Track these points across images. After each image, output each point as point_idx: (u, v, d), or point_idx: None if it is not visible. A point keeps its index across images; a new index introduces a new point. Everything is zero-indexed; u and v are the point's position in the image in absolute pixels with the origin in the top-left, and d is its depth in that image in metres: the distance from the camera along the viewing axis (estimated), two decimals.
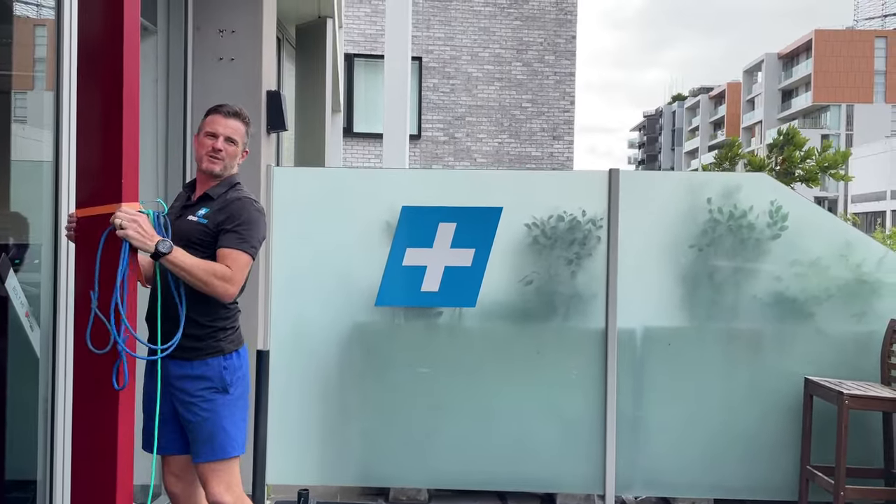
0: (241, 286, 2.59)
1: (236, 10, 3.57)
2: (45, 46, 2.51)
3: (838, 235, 4.06)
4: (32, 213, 2.54)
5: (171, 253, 2.35)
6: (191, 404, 2.56)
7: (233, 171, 2.71)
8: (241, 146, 2.70)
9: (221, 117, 2.67)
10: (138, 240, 2.18)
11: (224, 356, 2.60)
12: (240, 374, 2.66)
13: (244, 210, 2.59)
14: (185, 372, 2.56)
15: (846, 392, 3.63)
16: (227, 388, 2.59)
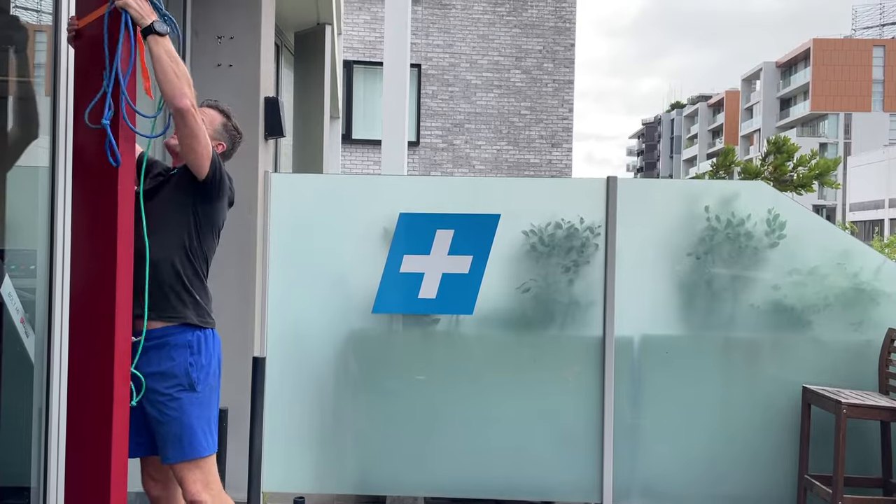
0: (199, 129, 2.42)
1: (235, 17, 3.58)
2: (43, 52, 2.50)
3: (836, 244, 4.06)
4: (28, 219, 2.54)
5: (165, 36, 2.25)
6: (158, 403, 2.48)
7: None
8: (209, 131, 2.60)
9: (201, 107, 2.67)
10: (136, 10, 2.14)
11: (188, 329, 2.50)
12: (208, 369, 2.56)
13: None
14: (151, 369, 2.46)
15: (844, 401, 3.62)
16: (193, 385, 2.51)
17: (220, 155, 2.70)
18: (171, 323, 2.50)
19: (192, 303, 2.54)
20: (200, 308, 2.56)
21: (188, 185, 2.54)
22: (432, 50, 14.72)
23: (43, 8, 2.35)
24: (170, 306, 2.50)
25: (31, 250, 2.55)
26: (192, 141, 2.41)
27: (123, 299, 2.13)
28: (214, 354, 2.60)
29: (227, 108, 2.78)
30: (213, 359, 2.59)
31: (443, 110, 14.78)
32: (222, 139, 2.75)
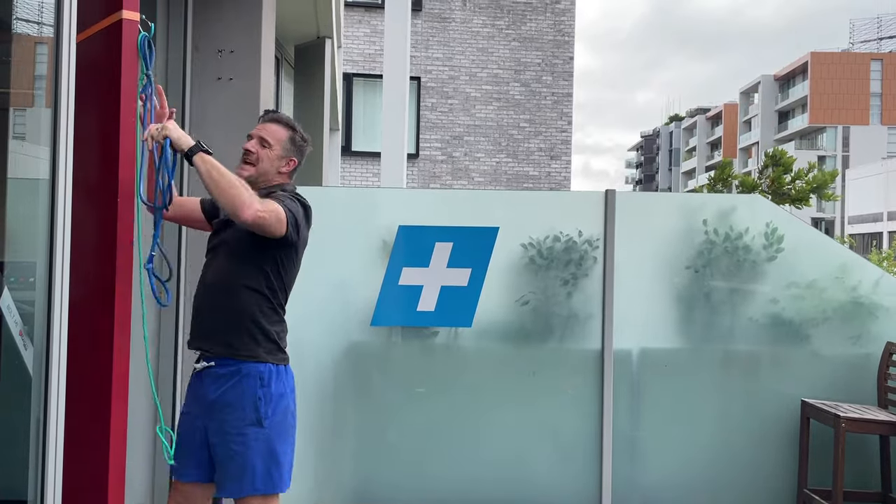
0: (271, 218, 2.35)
1: (235, 31, 3.60)
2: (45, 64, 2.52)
3: (834, 257, 4.07)
4: (28, 231, 2.54)
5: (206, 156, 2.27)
6: (225, 435, 2.41)
7: (270, 178, 2.56)
8: (280, 150, 2.55)
9: (261, 121, 2.60)
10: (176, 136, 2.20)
11: (260, 364, 2.43)
12: (277, 405, 2.44)
13: (288, 194, 2.50)
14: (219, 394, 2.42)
15: (843, 415, 3.62)
16: (260, 420, 2.41)
17: (293, 167, 2.61)
18: (242, 358, 2.44)
19: (265, 339, 2.46)
20: (273, 344, 2.48)
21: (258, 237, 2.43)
22: (432, 63, 14.78)
23: (44, 20, 2.37)
24: (242, 342, 2.44)
25: (30, 262, 2.55)
26: (269, 230, 2.37)
27: (122, 312, 2.14)
28: (286, 390, 2.49)
29: (289, 118, 2.66)
30: (284, 394, 2.48)
31: (442, 123, 14.82)
32: (292, 154, 2.62)
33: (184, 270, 3.56)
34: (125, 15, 2.16)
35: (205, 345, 2.50)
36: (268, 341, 2.46)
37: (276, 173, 2.58)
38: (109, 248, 2.13)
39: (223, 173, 2.31)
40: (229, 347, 2.44)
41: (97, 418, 2.03)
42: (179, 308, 3.53)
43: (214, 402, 2.44)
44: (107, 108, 2.12)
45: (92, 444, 2.05)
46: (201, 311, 2.53)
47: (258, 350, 2.44)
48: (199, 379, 2.52)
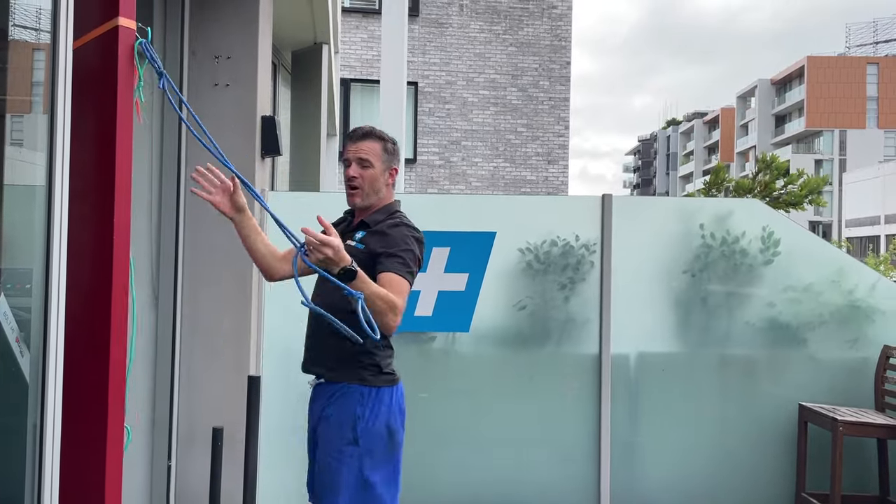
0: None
1: (232, 37, 3.60)
2: (41, 70, 2.52)
3: (831, 261, 4.08)
4: (24, 238, 2.54)
5: (357, 278, 2.19)
6: (324, 448, 2.47)
7: (381, 195, 2.55)
8: (380, 166, 2.52)
9: (351, 142, 2.54)
10: (334, 259, 2.12)
11: (364, 386, 2.44)
12: (374, 425, 2.44)
13: (400, 236, 2.45)
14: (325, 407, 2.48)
15: (840, 419, 3.62)
16: (357, 438, 2.41)
17: (395, 176, 2.61)
18: (346, 381, 2.47)
19: (371, 364, 2.48)
20: (376, 368, 2.49)
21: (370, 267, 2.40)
22: (429, 68, 14.81)
23: (41, 26, 2.37)
24: (347, 368, 2.46)
25: (26, 269, 2.55)
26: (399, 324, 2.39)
27: (119, 319, 2.13)
28: (390, 413, 2.49)
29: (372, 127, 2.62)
30: (385, 416, 2.48)
31: (439, 128, 14.84)
32: (392, 164, 2.59)
33: (182, 271, 3.55)
34: (121, 22, 2.16)
35: (314, 370, 2.56)
36: (373, 365, 2.48)
37: (384, 188, 2.56)
38: (106, 254, 2.13)
39: (377, 294, 2.26)
40: (335, 372, 2.49)
41: (94, 425, 2.03)
42: (176, 310, 3.53)
43: (321, 417, 2.51)
44: (103, 115, 2.12)
45: (89, 451, 2.05)
46: (310, 337, 2.59)
47: (363, 373, 2.47)
48: (313, 394, 2.60)
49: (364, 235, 2.50)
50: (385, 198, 2.58)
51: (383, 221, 2.50)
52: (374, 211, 2.55)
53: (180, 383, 3.56)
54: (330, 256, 2.14)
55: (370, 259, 2.43)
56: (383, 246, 2.43)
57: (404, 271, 2.40)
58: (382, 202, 2.57)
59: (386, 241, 2.44)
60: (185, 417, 3.57)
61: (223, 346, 3.59)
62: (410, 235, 2.48)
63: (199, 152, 3.54)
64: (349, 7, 14.41)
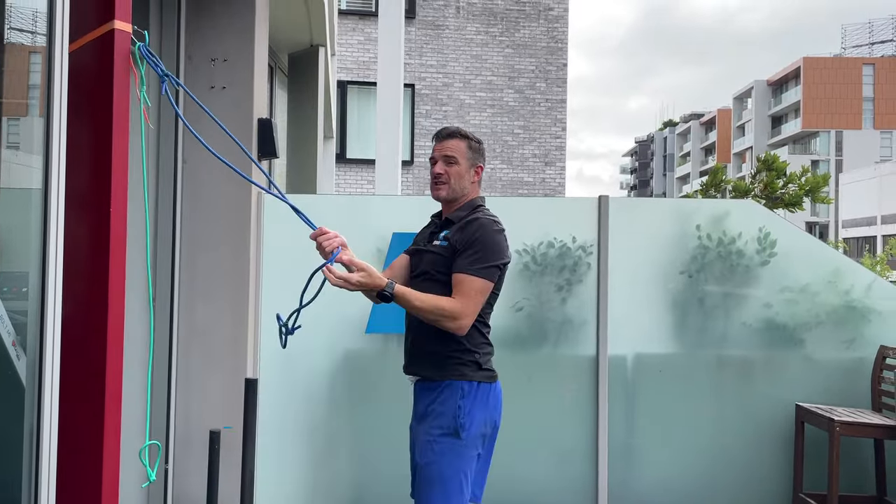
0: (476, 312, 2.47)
1: (228, 40, 3.60)
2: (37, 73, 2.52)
3: (827, 262, 4.08)
4: (20, 241, 2.54)
5: (395, 299, 2.39)
6: (422, 444, 2.51)
7: (466, 191, 2.63)
8: (465, 163, 2.62)
9: (438, 142, 2.65)
10: (371, 285, 2.34)
11: (465, 382, 2.48)
12: (473, 419, 2.47)
13: (480, 230, 2.50)
14: (427, 404, 2.52)
15: (837, 419, 3.63)
16: (458, 430, 2.46)
17: (481, 174, 2.67)
18: (448, 378, 2.51)
19: (469, 360, 2.53)
20: (475, 364, 2.53)
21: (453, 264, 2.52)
22: (426, 70, 14.81)
23: (38, 29, 2.37)
24: (447, 365, 2.51)
25: (22, 272, 2.54)
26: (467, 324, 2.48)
27: (115, 322, 2.13)
28: (488, 407, 2.53)
29: (458, 127, 2.71)
30: (484, 411, 2.51)
31: (436, 129, 14.83)
32: (476, 161, 2.67)
33: (178, 274, 3.55)
34: (117, 25, 2.16)
35: (416, 368, 2.62)
36: (472, 362, 2.52)
37: (469, 185, 2.64)
38: (102, 257, 2.13)
39: (423, 306, 2.42)
40: (436, 370, 2.53)
41: (91, 428, 2.03)
42: (174, 313, 3.53)
43: (423, 414, 2.56)
44: (99, 118, 2.12)
45: (85, 455, 2.05)
46: (409, 335, 2.66)
47: (463, 370, 2.51)
48: (414, 392, 2.66)
49: (448, 233, 2.57)
50: (470, 195, 2.66)
51: (466, 216, 2.57)
52: (457, 208, 2.62)
53: (177, 386, 3.55)
54: (363, 284, 2.37)
55: (453, 254, 2.51)
56: (460, 243, 2.50)
57: (477, 268, 2.46)
58: (467, 199, 2.64)
59: (463, 238, 2.51)
60: (182, 420, 3.56)
61: (220, 349, 3.59)
62: (489, 227, 2.51)
63: (196, 153, 3.54)
64: (346, 9, 14.42)
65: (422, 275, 2.61)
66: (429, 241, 2.65)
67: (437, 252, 2.55)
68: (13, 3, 2.18)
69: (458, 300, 2.44)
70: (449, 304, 2.43)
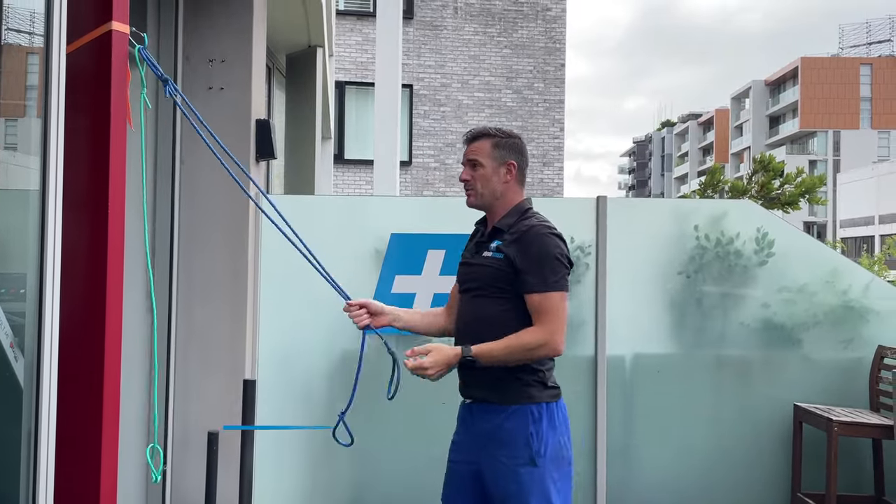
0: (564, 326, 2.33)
1: (226, 40, 3.60)
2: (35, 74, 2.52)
3: (825, 262, 4.09)
4: (18, 242, 2.54)
5: (478, 362, 2.27)
6: (497, 473, 2.33)
7: (500, 193, 2.44)
8: (491, 163, 2.42)
9: (465, 146, 2.49)
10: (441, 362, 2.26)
11: (533, 405, 2.33)
12: (548, 442, 2.33)
13: (538, 241, 2.33)
14: (490, 427, 2.35)
15: (835, 419, 3.63)
16: (533, 458, 2.30)
17: (517, 170, 2.46)
18: (513, 402, 2.35)
19: (536, 380, 2.37)
20: (541, 384, 2.38)
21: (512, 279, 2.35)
22: (424, 70, 14.81)
23: (35, 30, 2.37)
24: (510, 388, 2.35)
25: (20, 274, 2.54)
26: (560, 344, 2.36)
27: (113, 323, 2.13)
28: (559, 426, 2.38)
29: (485, 126, 2.53)
30: (557, 431, 2.37)
31: (435, 130, 14.85)
32: (505, 158, 2.45)
33: (177, 275, 3.55)
34: (115, 26, 2.16)
35: (474, 392, 2.44)
36: (538, 382, 2.37)
37: (501, 185, 2.45)
38: (100, 258, 2.13)
39: (509, 352, 2.29)
40: (499, 394, 2.36)
41: (89, 430, 2.03)
42: (171, 315, 3.53)
43: (486, 435, 2.38)
44: (97, 119, 2.12)
45: (84, 457, 2.05)
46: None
47: (530, 391, 2.36)
48: (468, 409, 2.48)
49: (500, 244, 2.39)
50: (510, 197, 2.47)
51: (516, 224, 2.40)
52: (503, 215, 2.44)
53: (175, 387, 3.55)
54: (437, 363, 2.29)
55: (511, 268, 2.34)
56: (523, 258, 2.33)
57: (551, 282, 2.32)
58: (509, 202, 2.46)
59: (525, 252, 2.33)
60: (180, 422, 3.56)
61: (218, 350, 3.59)
62: (545, 234, 2.35)
63: (193, 154, 3.54)
64: (343, 10, 14.42)
65: (471, 290, 2.45)
66: (476, 252, 2.47)
67: (490, 265, 2.38)
68: (11, 3, 2.18)
69: (541, 324, 2.30)
70: (532, 337, 2.28)
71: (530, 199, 2.53)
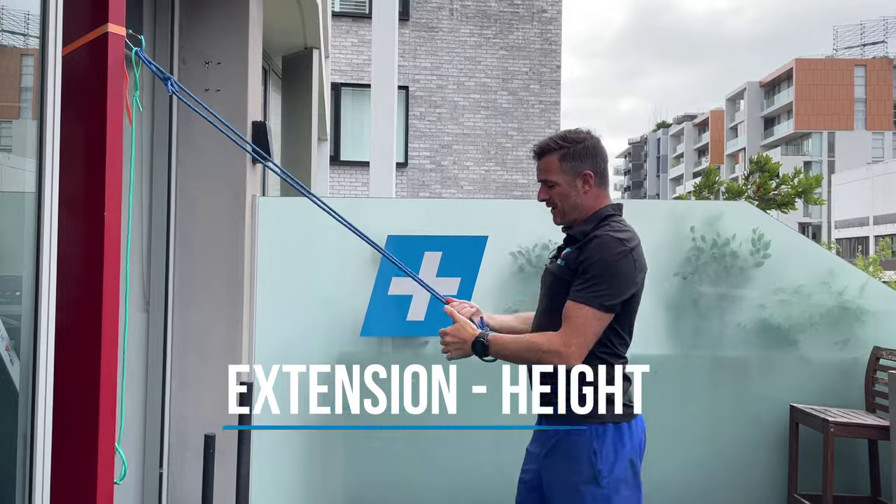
0: (587, 345, 2.18)
1: (222, 42, 3.59)
2: (30, 76, 2.51)
3: (820, 263, 4.10)
4: (13, 245, 2.53)
5: (490, 347, 2.26)
6: (558, 487, 2.24)
7: (582, 205, 2.30)
8: (565, 178, 2.27)
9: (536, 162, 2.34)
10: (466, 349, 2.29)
11: (599, 426, 2.21)
12: (615, 462, 2.21)
13: (599, 252, 2.19)
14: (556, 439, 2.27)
15: (832, 420, 3.64)
16: (596, 477, 2.18)
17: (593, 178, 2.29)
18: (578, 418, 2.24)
19: (604, 398, 2.25)
20: (611, 402, 2.26)
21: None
22: (420, 72, 14.82)
23: (30, 31, 2.36)
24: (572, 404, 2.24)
25: (16, 276, 2.53)
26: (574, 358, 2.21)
27: (110, 325, 2.13)
28: (628, 446, 2.27)
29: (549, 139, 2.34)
30: (625, 451, 2.26)
31: (431, 132, 14.85)
32: (579, 170, 2.28)
33: (173, 277, 3.54)
34: (111, 28, 2.15)
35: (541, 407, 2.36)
36: (608, 402, 2.25)
37: (581, 197, 2.30)
38: (96, 261, 2.12)
39: (520, 348, 2.24)
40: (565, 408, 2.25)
41: (85, 433, 2.02)
42: (168, 316, 3.52)
43: (551, 447, 2.31)
44: (93, 122, 2.11)
45: (80, 460, 2.04)
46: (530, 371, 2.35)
47: (596, 409, 2.24)
48: (538, 420, 2.41)
49: (569, 251, 2.29)
50: (591, 205, 2.32)
51: (591, 232, 2.26)
52: (581, 221, 2.32)
53: (172, 390, 3.54)
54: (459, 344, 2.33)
55: (571, 277, 2.24)
56: (577, 266, 2.22)
57: (590, 296, 2.17)
58: (590, 210, 2.32)
59: (582, 260, 2.22)
60: (176, 424, 3.55)
61: (215, 353, 3.58)
62: (611, 249, 2.20)
63: (190, 154, 3.54)
64: (339, 11, 14.42)
65: (546, 302, 2.35)
66: (555, 257, 2.39)
67: (556, 274, 2.29)
68: (5, 5, 2.17)
69: (562, 332, 2.16)
70: (545, 341, 2.17)
71: (617, 205, 2.38)
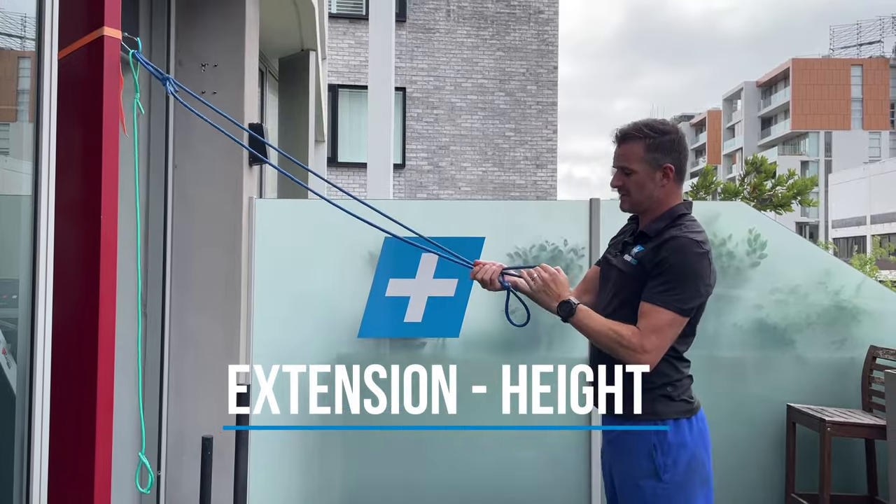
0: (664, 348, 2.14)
1: (219, 45, 3.60)
2: (27, 79, 2.51)
3: (817, 263, 4.10)
4: (10, 248, 2.53)
5: (575, 315, 2.19)
6: (622, 481, 2.21)
7: (656, 199, 2.24)
8: (645, 168, 2.21)
9: (615, 147, 2.28)
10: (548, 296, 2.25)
11: (658, 422, 2.16)
12: (678, 458, 2.14)
13: (677, 254, 2.12)
14: (617, 433, 2.23)
15: (828, 419, 3.65)
16: (657, 472, 2.13)
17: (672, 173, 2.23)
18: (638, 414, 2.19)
19: (662, 394, 2.21)
20: (668, 397, 2.21)
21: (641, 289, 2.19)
22: (417, 73, 14.82)
23: (27, 34, 2.36)
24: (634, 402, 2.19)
25: (13, 280, 2.53)
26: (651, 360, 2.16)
27: (106, 328, 2.13)
28: (691, 443, 2.18)
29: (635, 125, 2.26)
30: (688, 447, 2.17)
31: (428, 133, 14.86)
32: (661, 162, 2.22)
33: (170, 280, 3.54)
34: (107, 31, 2.15)
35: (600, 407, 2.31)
36: (664, 396, 2.21)
37: (658, 190, 2.25)
38: (93, 264, 2.12)
39: (603, 330, 2.18)
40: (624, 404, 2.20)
41: (82, 436, 2.02)
42: (165, 320, 3.52)
43: (614, 440, 2.29)
44: (89, 125, 2.12)
45: (77, 464, 2.04)
46: (594, 365, 2.32)
47: (654, 406, 2.20)
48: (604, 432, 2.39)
49: (641, 250, 2.23)
50: (666, 201, 2.26)
51: (664, 231, 2.21)
52: (654, 218, 2.26)
53: (169, 392, 3.54)
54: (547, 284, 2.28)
55: (644, 276, 2.18)
56: (653, 267, 2.16)
57: (668, 298, 2.12)
58: (664, 206, 2.26)
59: (656, 259, 2.16)
60: (174, 427, 3.55)
61: (212, 355, 3.58)
62: (688, 250, 2.13)
63: (187, 156, 3.54)
64: (336, 13, 14.42)
65: (612, 298, 2.31)
66: (621, 252, 2.33)
67: (625, 271, 2.25)
68: (2, 8, 2.17)
69: (642, 332, 2.11)
70: (628, 332, 2.12)
71: (688, 203, 2.33)
